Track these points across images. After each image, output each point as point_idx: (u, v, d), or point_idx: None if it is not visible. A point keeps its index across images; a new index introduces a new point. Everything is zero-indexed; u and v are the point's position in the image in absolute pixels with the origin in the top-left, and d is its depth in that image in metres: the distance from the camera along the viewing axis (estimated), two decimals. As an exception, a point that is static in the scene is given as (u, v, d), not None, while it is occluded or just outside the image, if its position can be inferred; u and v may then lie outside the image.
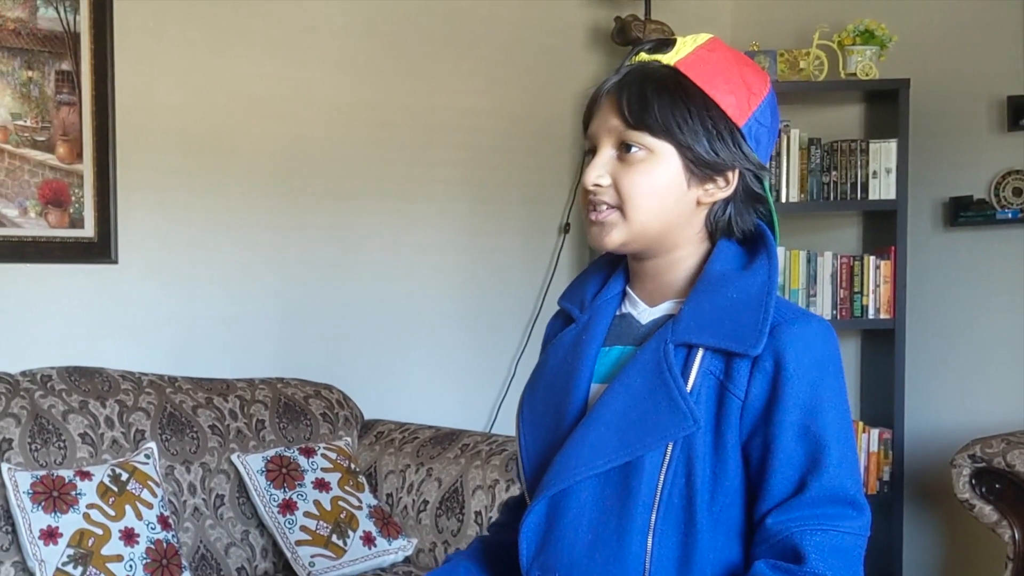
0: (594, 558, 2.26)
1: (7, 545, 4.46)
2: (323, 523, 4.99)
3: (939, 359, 6.21)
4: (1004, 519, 5.08)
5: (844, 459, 2.18)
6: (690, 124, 2.25)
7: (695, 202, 2.32)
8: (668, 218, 2.31)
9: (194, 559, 4.88)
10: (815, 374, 2.19)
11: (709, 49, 2.31)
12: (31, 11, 5.05)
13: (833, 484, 2.16)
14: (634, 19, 6.28)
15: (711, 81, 2.26)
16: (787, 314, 2.23)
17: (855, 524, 2.17)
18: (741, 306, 2.24)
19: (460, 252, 6.33)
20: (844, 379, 2.25)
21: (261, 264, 5.70)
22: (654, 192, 2.29)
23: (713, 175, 2.29)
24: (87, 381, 4.95)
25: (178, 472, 4.98)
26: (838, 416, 2.20)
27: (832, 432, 2.18)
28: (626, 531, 2.23)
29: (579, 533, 2.28)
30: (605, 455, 2.24)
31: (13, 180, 5.03)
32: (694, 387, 2.23)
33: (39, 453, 4.66)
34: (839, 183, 6.08)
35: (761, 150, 2.31)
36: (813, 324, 2.23)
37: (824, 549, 2.13)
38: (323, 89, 5.86)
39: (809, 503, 2.16)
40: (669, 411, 2.21)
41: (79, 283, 5.21)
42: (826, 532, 2.14)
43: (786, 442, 2.18)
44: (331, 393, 5.61)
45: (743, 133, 2.27)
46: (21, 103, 5.05)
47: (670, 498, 2.21)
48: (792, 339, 2.19)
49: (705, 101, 2.26)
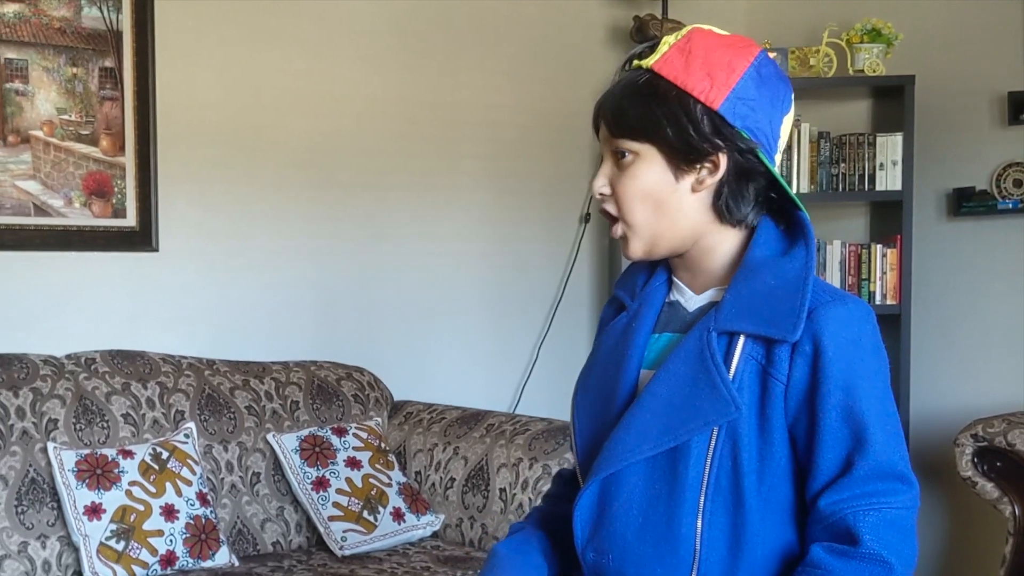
0: (645, 540, 2.25)
1: (53, 520, 4.46)
2: (355, 499, 4.97)
3: (943, 343, 6.17)
4: (1005, 496, 5.05)
5: (888, 435, 2.15)
6: (662, 121, 2.24)
7: (690, 191, 2.28)
8: (667, 214, 2.30)
9: (231, 534, 4.87)
10: (853, 354, 2.16)
11: (685, 41, 2.28)
12: (76, 10, 5.03)
13: (880, 460, 2.13)
14: (652, 18, 6.25)
15: (684, 73, 2.23)
16: (824, 297, 2.20)
17: (905, 498, 2.14)
18: (779, 292, 2.21)
19: (485, 241, 6.31)
20: (884, 356, 2.23)
21: (295, 252, 5.69)
22: (644, 193, 2.29)
23: (697, 163, 2.26)
24: (129, 364, 4.95)
25: (216, 451, 4.97)
26: (879, 394, 2.17)
27: (874, 410, 2.14)
28: (675, 514, 2.21)
29: (630, 516, 2.27)
30: (651, 441, 2.23)
31: (59, 172, 5.01)
32: (736, 373, 2.21)
33: (83, 433, 4.66)
34: (847, 175, 6.04)
35: (753, 123, 2.25)
36: (849, 305, 2.20)
37: (878, 527, 2.11)
38: (353, 85, 5.84)
39: (859, 481, 2.13)
40: (712, 397, 2.19)
41: (121, 270, 5.21)
42: (878, 510, 2.12)
43: (830, 422, 2.15)
44: (362, 375, 5.60)
45: (721, 115, 2.22)
46: (66, 98, 5.03)
47: (718, 481, 2.19)
48: (828, 321, 2.16)
49: (679, 95, 2.23)
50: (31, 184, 4.96)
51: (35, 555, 4.40)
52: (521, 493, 4.91)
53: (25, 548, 4.39)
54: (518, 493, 4.91)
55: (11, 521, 4.39)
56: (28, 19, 4.93)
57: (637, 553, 2.26)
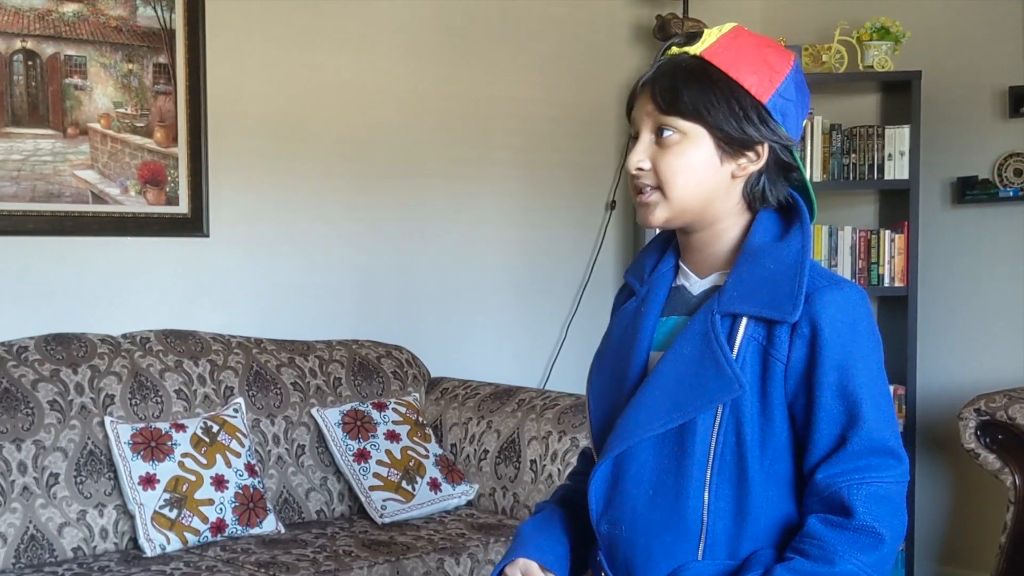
0: (655, 511, 2.25)
1: (110, 490, 4.48)
2: (394, 470, 4.96)
3: (948, 323, 6.15)
4: (1006, 466, 5.05)
5: (880, 413, 2.14)
6: (717, 105, 2.22)
7: (730, 176, 2.28)
8: (706, 193, 2.27)
9: (278, 503, 4.88)
10: (848, 336, 2.15)
11: (732, 36, 2.27)
12: (131, 10, 5.02)
13: (872, 436, 2.12)
14: (673, 17, 6.20)
15: (735, 65, 2.23)
16: (821, 281, 2.19)
17: (895, 472, 2.13)
18: (778, 276, 2.20)
19: (516, 227, 6.28)
20: (878, 339, 2.21)
21: (338, 237, 5.67)
22: (690, 171, 2.26)
23: (743, 150, 2.25)
24: (182, 342, 4.95)
25: (263, 424, 4.97)
26: (872, 374, 2.16)
27: (867, 389, 2.14)
28: (684, 487, 2.22)
29: (641, 489, 2.27)
30: (660, 418, 2.22)
31: (115, 162, 5.00)
32: (739, 353, 2.20)
33: (138, 407, 4.67)
34: (858, 165, 6.02)
35: (789, 122, 2.26)
36: (845, 289, 2.19)
37: (870, 501, 2.11)
38: (393, 80, 5.83)
39: (852, 456, 2.13)
40: (716, 376, 2.18)
41: (174, 255, 5.20)
42: (871, 484, 2.11)
43: (826, 401, 2.14)
44: (401, 353, 5.58)
45: (768, 109, 2.23)
46: (122, 93, 5.02)
47: (723, 456, 2.19)
48: (825, 304, 2.16)
49: (730, 84, 2.22)
50: (89, 173, 4.94)
51: (93, 523, 4.41)
52: (551, 464, 4.88)
53: (84, 516, 4.40)
54: (547, 464, 4.89)
55: (71, 491, 4.40)
56: (87, 18, 4.91)
57: (648, 523, 2.26)
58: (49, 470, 4.37)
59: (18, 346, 4.56)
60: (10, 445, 4.31)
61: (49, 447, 4.40)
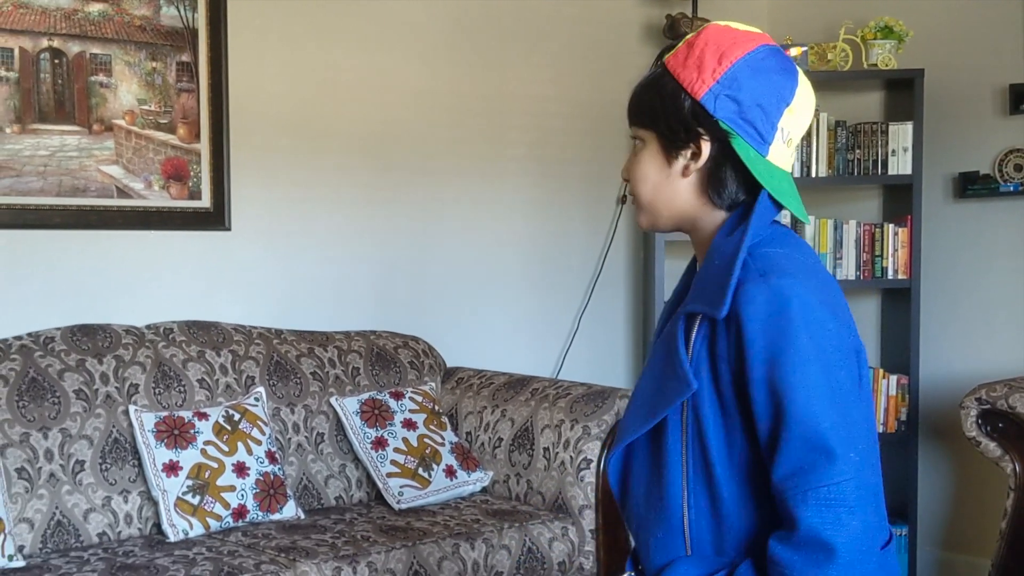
0: (649, 509, 2.25)
1: (134, 477, 4.49)
2: (410, 458, 4.96)
3: (950, 314, 6.12)
4: (1007, 454, 5.00)
5: (811, 407, 2.01)
6: (656, 108, 2.23)
7: (680, 175, 2.25)
8: (665, 195, 2.28)
9: (298, 489, 4.88)
10: (770, 329, 2.04)
11: (695, 36, 2.23)
12: (155, 10, 5.02)
13: (803, 431, 2.01)
14: (683, 16, 6.17)
15: (680, 66, 2.20)
16: (752, 274, 2.09)
17: (833, 472, 2.00)
18: (719, 272, 2.14)
19: (529, 221, 6.26)
20: (815, 330, 2.06)
21: (356, 231, 5.67)
22: (644, 174, 2.28)
23: (681, 149, 2.22)
24: (204, 333, 4.97)
25: (283, 413, 4.98)
26: (803, 366, 2.03)
27: (797, 383, 2.02)
28: (667, 486, 2.20)
29: (639, 488, 2.28)
30: (639, 421, 2.23)
31: (140, 158, 5.00)
32: (694, 352, 2.15)
33: (162, 396, 4.68)
34: (862, 160, 5.98)
35: (742, 112, 2.16)
36: (771, 280, 2.07)
37: (813, 509, 2.00)
38: (409, 78, 5.82)
39: (791, 455, 2.02)
40: (673, 377, 2.15)
41: (197, 248, 5.21)
42: (814, 489, 2.00)
43: (759, 397, 2.06)
44: (417, 344, 5.58)
45: (702, 104, 2.16)
46: (146, 90, 5.01)
47: (695, 458, 2.16)
48: (745, 299, 2.07)
49: (675, 86, 2.20)
50: (114, 169, 4.94)
51: (118, 508, 4.42)
52: (563, 452, 4.86)
53: (109, 502, 4.41)
54: (560, 452, 4.88)
55: (96, 477, 4.41)
56: (112, 18, 4.91)
57: (645, 520, 2.27)
58: (75, 457, 4.38)
59: (45, 337, 4.56)
60: (37, 433, 4.32)
61: (75, 435, 4.40)
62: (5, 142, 4.67)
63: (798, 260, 2.15)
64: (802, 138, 2.31)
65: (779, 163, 2.21)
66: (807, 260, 2.18)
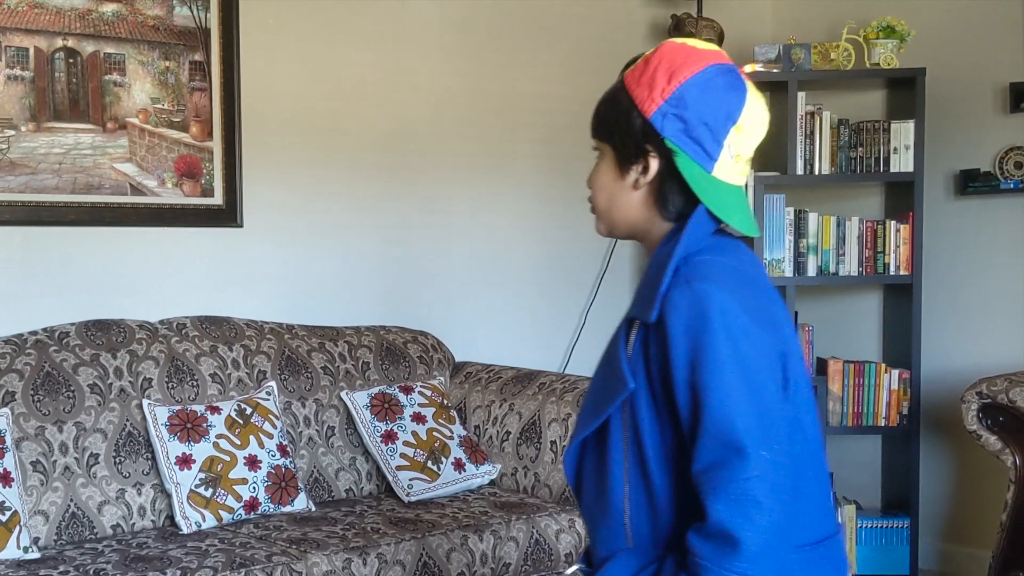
0: (597, 502, 2.30)
1: (147, 470, 4.49)
2: (420, 451, 4.95)
3: (951, 310, 6.11)
4: (1007, 447, 5.02)
5: (724, 406, 2.06)
6: (614, 123, 2.29)
7: (632, 188, 2.31)
8: (619, 205, 2.34)
9: (308, 482, 4.88)
10: (691, 333, 2.10)
11: (652, 53, 2.29)
12: (168, 9, 5.01)
13: (717, 429, 2.06)
14: (688, 16, 6.15)
15: (636, 82, 2.26)
16: (679, 280, 2.16)
17: (743, 469, 2.04)
18: (653, 279, 2.20)
19: (538, 217, 6.25)
20: (735, 334, 2.10)
21: (366, 227, 5.67)
22: (601, 184, 2.35)
23: (632, 163, 2.28)
24: (216, 328, 4.96)
25: (295, 407, 4.97)
26: (721, 368, 2.07)
27: (712, 382, 2.07)
28: (609, 481, 2.25)
29: (590, 483, 2.33)
30: (587, 418, 2.29)
31: (153, 155, 4.99)
32: (632, 355, 2.21)
33: (175, 390, 4.68)
34: (864, 158, 5.97)
35: (689, 130, 2.22)
36: (694, 286, 2.13)
37: (722, 503, 2.04)
38: (421, 77, 5.82)
39: (706, 452, 2.07)
40: (614, 378, 2.22)
41: (209, 244, 5.20)
42: (725, 485, 2.05)
43: (681, 397, 2.11)
44: (426, 339, 5.57)
45: (651, 122, 2.22)
46: (160, 89, 5.00)
47: (634, 455, 2.21)
48: (670, 305, 2.13)
49: (629, 102, 2.26)
50: (128, 166, 4.93)
51: (131, 501, 4.42)
52: (570, 445, 4.84)
53: (122, 495, 4.41)
54: (567, 445, 4.82)
55: (110, 470, 4.40)
56: (125, 17, 4.90)
57: (593, 512, 2.33)
58: (89, 451, 4.37)
59: (59, 332, 4.55)
60: (52, 427, 4.31)
61: (89, 428, 4.40)
62: (20, 140, 4.66)
63: (730, 267, 2.19)
64: (751, 154, 2.31)
65: (726, 178, 2.25)
66: (741, 267, 2.23)
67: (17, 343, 4.43)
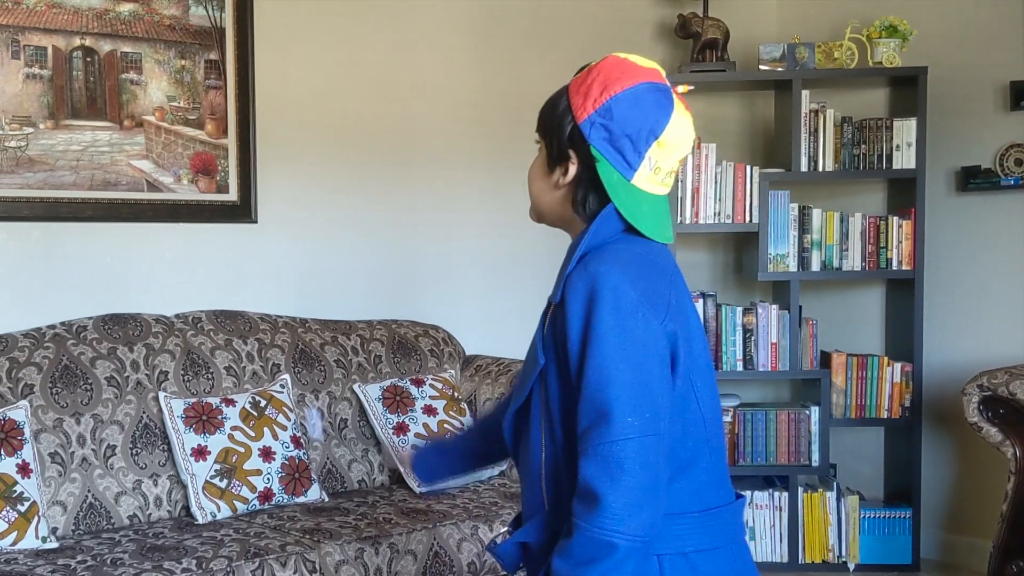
0: (524, 469, 2.43)
1: (163, 461, 4.48)
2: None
3: (952, 304, 6.08)
4: (1007, 439, 5.02)
5: (601, 374, 2.16)
6: (548, 123, 2.39)
7: (555, 185, 2.41)
8: (543, 197, 2.47)
9: (322, 473, 4.86)
10: (583, 309, 2.21)
11: (595, 64, 2.37)
12: (184, 9, 5.00)
13: (592, 394, 2.16)
14: (694, 16, 6.11)
15: (575, 90, 2.35)
16: (580, 265, 2.28)
17: (610, 432, 2.13)
18: (563, 266, 2.34)
19: (545, 213, 6.16)
20: (623, 314, 2.21)
21: (378, 223, 5.66)
22: (534, 176, 2.48)
23: (557, 164, 2.39)
24: (231, 322, 4.95)
25: (308, 400, 4.96)
26: (600, 338, 2.18)
27: (594, 351, 2.18)
28: (532, 449, 2.37)
29: (522, 450, 2.44)
30: (516, 394, 2.42)
31: (169, 152, 4.98)
32: (547, 333, 2.34)
33: (191, 383, 4.66)
34: (867, 155, 5.94)
35: (613, 140, 2.31)
36: (590, 268, 2.24)
37: (589, 463, 2.15)
38: (431, 76, 5.81)
39: (582, 416, 2.19)
40: (532, 355, 2.37)
41: (224, 240, 5.19)
42: (594, 446, 2.15)
43: (572, 367, 2.22)
44: (437, 332, 5.56)
45: (580, 128, 2.32)
46: (176, 87, 4.99)
47: (548, 425, 2.32)
48: (570, 284, 2.25)
49: (567, 107, 2.36)
50: (144, 163, 4.91)
51: (148, 491, 4.41)
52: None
53: (139, 485, 4.40)
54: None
55: (127, 462, 4.39)
56: (142, 17, 4.88)
57: (524, 480, 2.44)
58: (107, 442, 4.36)
59: (77, 326, 4.53)
60: (70, 419, 4.30)
61: (107, 420, 4.38)
62: (39, 137, 4.64)
63: (633, 253, 2.30)
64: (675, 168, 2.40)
65: (645, 187, 2.34)
66: (648, 255, 2.32)
67: (36, 336, 4.41)
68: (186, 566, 3.78)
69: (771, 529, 5.87)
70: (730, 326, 5.88)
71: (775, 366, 5.89)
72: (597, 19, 6.33)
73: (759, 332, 5.87)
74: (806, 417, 5.86)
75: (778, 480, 5.99)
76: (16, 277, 4.64)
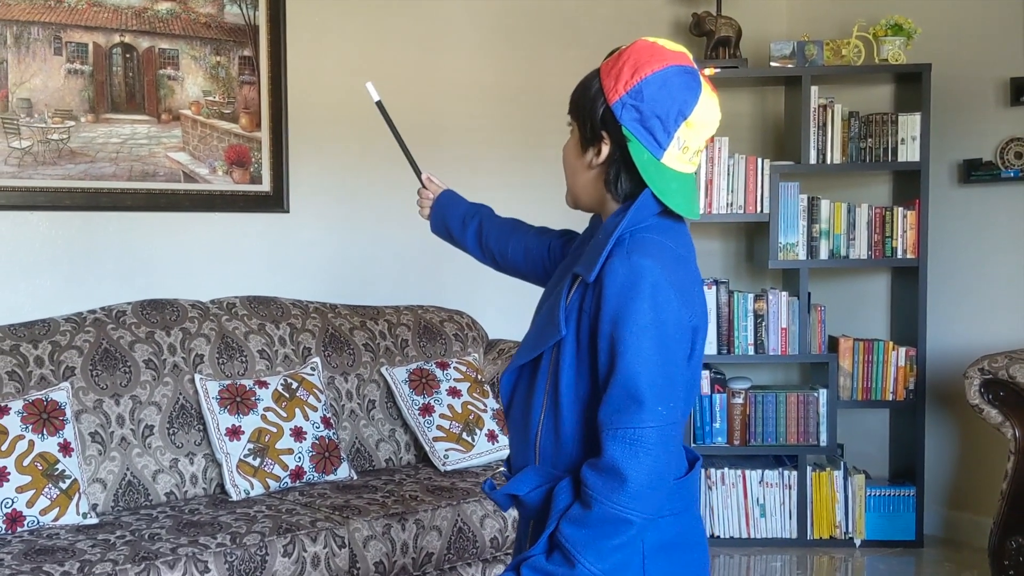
0: (518, 425, 2.43)
1: (199, 440, 4.45)
2: (455, 423, 4.89)
3: (955, 291, 6.03)
4: (1007, 420, 4.97)
5: (637, 364, 2.17)
6: (581, 105, 2.36)
7: (587, 166, 2.38)
8: (578, 179, 2.43)
9: (351, 452, 4.83)
10: (622, 296, 2.20)
11: (626, 48, 2.35)
12: (219, 8, 4.97)
13: (625, 381, 2.17)
14: (708, 14, 6.04)
15: (607, 73, 2.32)
16: (621, 251, 2.25)
17: (640, 418, 2.16)
18: (599, 245, 2.30)
19: (563, 205, 6.06)
20: (659, 304, 2.21)
21: (404, 213, 5.49)
22: (567, 159, 2.45)
23: (590, 145, 2.36)
24: (264, 308, 4.92)
25: (338, 382, 4.93)
26: (640, 331, 2.18)
27: (631, 343, 2.18)
28: (531, 408, 2.38)
29: (519, 405, 2.43)
30: (525, 352, 2.39)
31: (205, 145, 4.95)
32: (569, 305, 2.32)
33: (225, 366, 4.63)
34: (874, 148, 5.89)
35: (644, 120, 2.29)
36: (632, 258, 2.22)
37: (615, 444, 2.16)
38: (455, 73, 5.79)
39: (612, 399, 2.19)
40: (550, 323, 2.33)
41: (257, 228, 5.18)
42: (622, 429, 2.16)
43: (602, 347, 2.22)
44: (462, 317, 5.52)
45: (612, 110, 2.29)
46: (211, 82, 4.96)
47: (552, 390, 2.32)
48: (609, 270, 2.22)
49: (599, 89, 2.33)
50: (181, 155, 4.88)
51: (184, 470, 4.38)
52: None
53: (176, 464, 4.37)
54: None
55: (164, 441, 4.36)
56: (179, 15, 4.85)
57: (514, 430, 2.45)
58: (144, 422, 4.33)
59: (117, 311, 4.50)
60: (110, 400, 4.26)
61: (145, 402, 4.35)
62: (80, 131, 4.60)
63: (667, 247, 2.28)
64: (702, 147, 2.39)
65: (674, 166, 2.31)
66: (677, 249, 2.31)
67: (77, 321, 4.37)
68: (221, 541, 3.74)
69: (781, 506, 5.82)
70: (742, 312, 5.83)
71: (785, 350, 5.84)
72: (614, 18, 6.27)
73: (770, 318, 5.82)
74: (815, 399, 5.81)
75: (788, 459, 5.94)
76: (58, 264, 4.60)
